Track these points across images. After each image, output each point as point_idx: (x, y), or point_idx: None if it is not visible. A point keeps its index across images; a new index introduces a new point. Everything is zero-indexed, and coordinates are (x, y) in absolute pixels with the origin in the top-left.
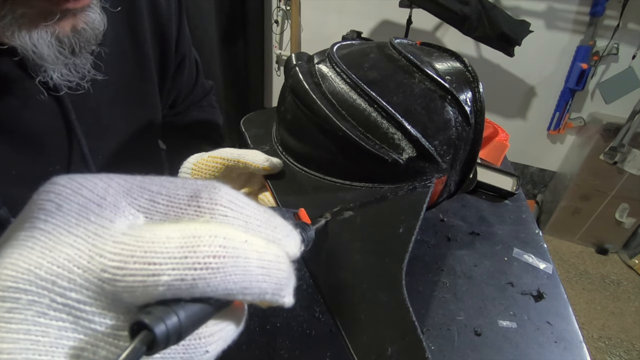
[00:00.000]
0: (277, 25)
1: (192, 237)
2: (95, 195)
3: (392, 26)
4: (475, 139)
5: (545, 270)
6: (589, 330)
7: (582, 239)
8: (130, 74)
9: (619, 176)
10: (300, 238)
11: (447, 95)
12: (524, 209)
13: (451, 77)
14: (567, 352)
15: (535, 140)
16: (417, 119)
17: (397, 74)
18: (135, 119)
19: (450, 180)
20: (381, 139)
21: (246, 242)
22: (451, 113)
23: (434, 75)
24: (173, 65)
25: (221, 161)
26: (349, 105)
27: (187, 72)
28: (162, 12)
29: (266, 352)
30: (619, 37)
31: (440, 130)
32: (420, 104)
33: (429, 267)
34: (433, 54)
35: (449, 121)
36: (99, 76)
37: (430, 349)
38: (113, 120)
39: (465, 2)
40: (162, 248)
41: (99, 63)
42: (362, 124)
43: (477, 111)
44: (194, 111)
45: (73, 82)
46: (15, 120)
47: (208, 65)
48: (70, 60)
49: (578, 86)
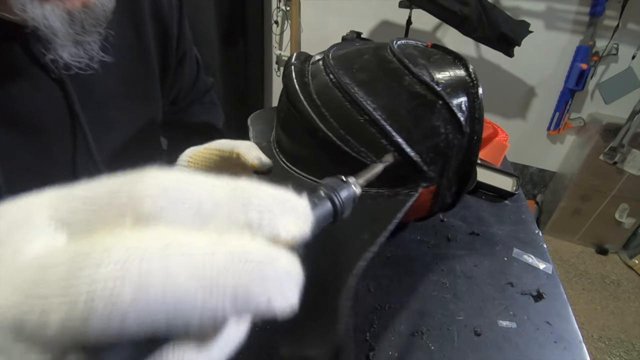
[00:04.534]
0: (277, 25)
1: (78, 256)
2: (11, 220)
3: (392, 27)
4: (471, 148)
5: (545, 270)
6: (589, 331)
7: (582, 239)
8: (133, 68)
9: (619, 176)
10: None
11: (438, 100)
12: (523, 209)
13: (447, 81)
14: (567, 352)
15: (535, 140)
16: (402, 123)
17: (386, 76)
18: (138, 114)
19: (443, 190)
20: (362, 142)
21: (168, 245)
22: (441, 119)
23: (425, 79)
24: (174, 62)
25: (216, 152)
26: (333, 106)
27: (188, 68)
28: (164, 10)
29: (266, 352)
30: (619, 37)
31: (426, 137)
32: (407, 107)
33: (429, 267)
34: (433, 57)
35: (437, 128)
36: (107, 59)
37: (430, 349)
38: (116, 114)
39: (465, 2)
40: (49, 275)
41: (106, 45)
42: (344, 125)
43: (473, 119)
44: (196, 107)
45: (82, 62)
46: (22, 108)
47: (208, 65)
48: (80, 37)
49: (578, 86)
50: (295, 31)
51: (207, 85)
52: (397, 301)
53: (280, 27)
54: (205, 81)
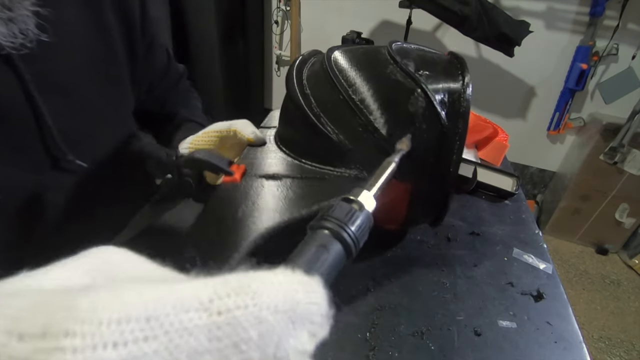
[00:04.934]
0: (277, 25)
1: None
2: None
3: (392, 26)
4: (449, 145)
5: (545, 270)
6: (589, 331)
7: (582, 239)
8: (93, 52)
9: (619, 176)
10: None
11: (416, 89)
12: (524, 209)
13: (431, 73)
14: (567, 352)
15: (535, 140)
16: (377, 107)
17: (371, 63)
18: (104, 99)
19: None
20: (334, 120)
21: None
22: (417, 108)
23: (408, 69)
24: (143, 47)
25: (215, 134)
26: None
27: (158, 54)
28: None
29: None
30: (619, 37)
31: (398, 124)
32: (384, 94)
33: (429, 267)
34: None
35: (412, 116)
36: (43, 37)
37: (430, 349)
38: (79, 98)
39: (465, 2)
40: None
41: (44, 24)
42: (321, 102)
43: (456, 114)
44: (172, 95)
45: (16, 42)
46: None
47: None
48: (5, 14)
49: (578, 86)
50: (295, 31)
51: (179, 71)
52: (397, 301)
53: (280, 27)
54: (177, 68)
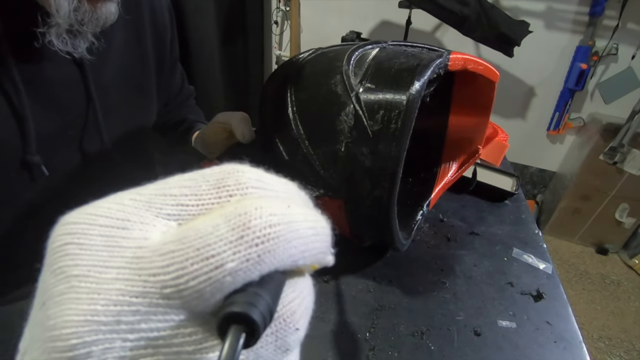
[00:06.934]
0: (276, 26)
1: (238, 216)
2: (115, 220)
3: (392, 27)
4: (382, 170)
5: (545, 270)
6: (589, 331)
7: (582, 239)
8: (133, 66)
9: (619, 176)
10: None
11: (349, 104)
12: (523, 209)
13: (377, 84)
14: (566, 352)
15: (534, 140)
16: (308, 120)
17: (323, 71)
18: (135, 104)
19: (360, 210)
20: (275, 123)
21: (289, 207)
22: (344, 124)
23: (350, 81)
24: (168, 66)
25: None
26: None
27: (177, 75)
28: (160, 22)
29: None
30: (619, 37)
31: (325, 139)
32: (318, 105)
33: (429, 267)
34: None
35: (339, 133)
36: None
37: (430, 349)
38: (116, 101)
39: (465, 2)
40: (214, 238)
41: (102, 42)
42: (272, 106)
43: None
44: (183, 108)
45: (77, 52)
46: (42, 75)
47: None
48: (74, 28)
49: (577, 86)
50: (295, 31)
51: (190, 91)
52: (397, 301)
53: (280, 27)
54: (189, 88)
